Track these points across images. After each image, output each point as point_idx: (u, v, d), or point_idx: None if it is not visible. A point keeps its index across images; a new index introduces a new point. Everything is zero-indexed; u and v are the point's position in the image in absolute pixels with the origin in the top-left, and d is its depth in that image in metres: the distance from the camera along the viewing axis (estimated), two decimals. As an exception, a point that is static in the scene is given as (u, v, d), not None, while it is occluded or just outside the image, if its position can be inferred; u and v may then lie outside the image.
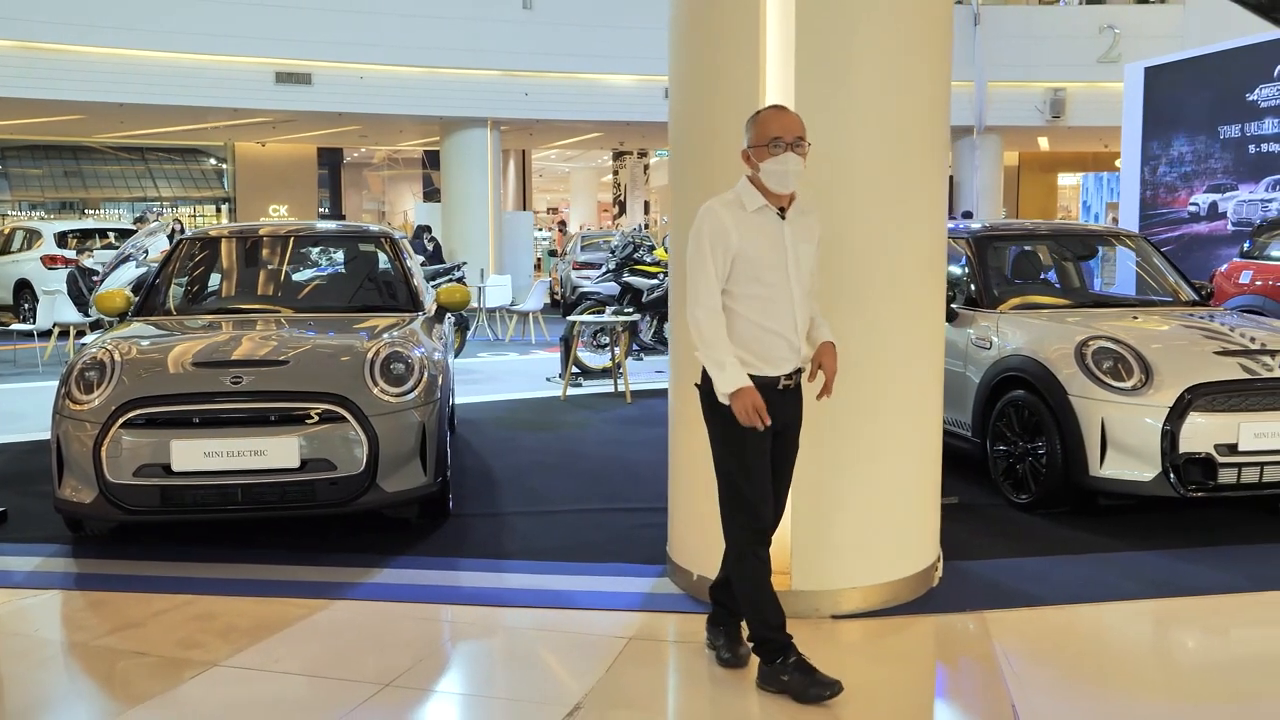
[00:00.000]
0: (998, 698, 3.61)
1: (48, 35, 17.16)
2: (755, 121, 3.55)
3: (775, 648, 3.57)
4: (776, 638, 3.57)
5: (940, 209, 4.50)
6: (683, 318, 4.46)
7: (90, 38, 17.23)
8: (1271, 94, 14.26)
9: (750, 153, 3.54)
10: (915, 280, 4.35)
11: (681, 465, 4.58)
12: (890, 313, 4.26)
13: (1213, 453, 5.20)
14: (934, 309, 4.50)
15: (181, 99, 18.94)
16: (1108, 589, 4.55)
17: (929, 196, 4.39)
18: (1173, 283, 6.87)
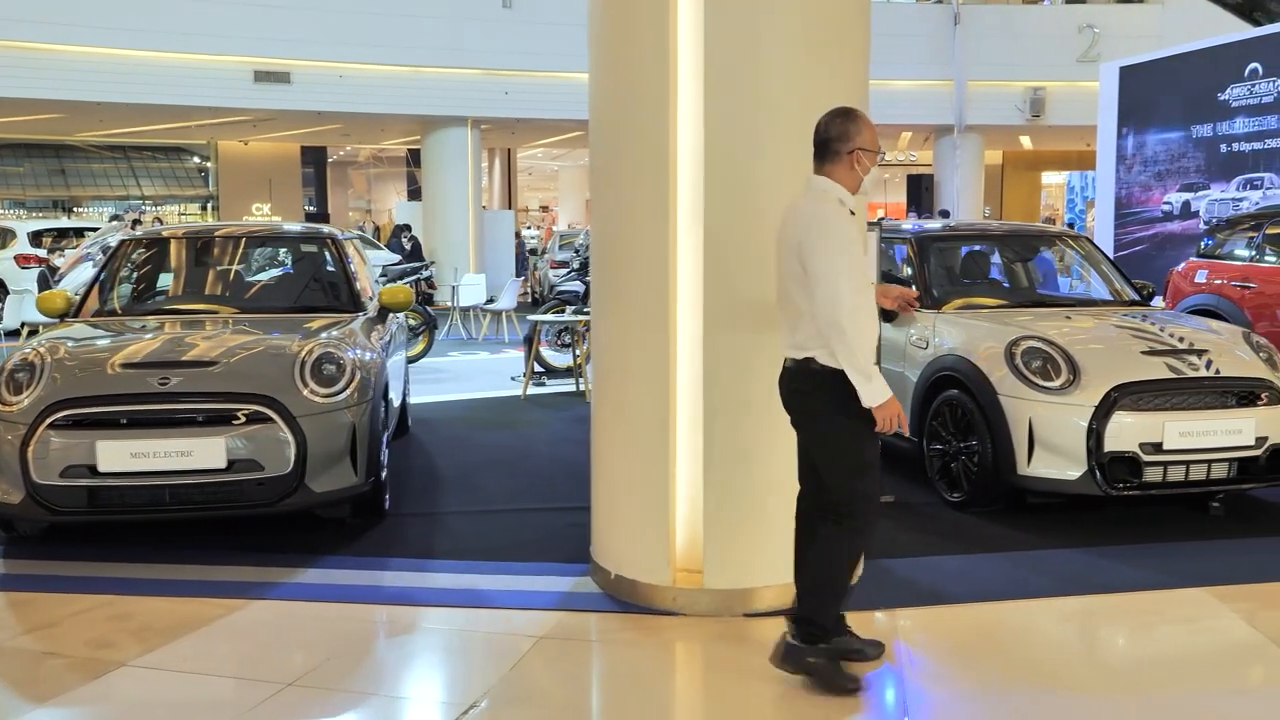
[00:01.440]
0: (890, 696, 3.64)
1: (27, 34, 17.17)
2: (869, 125, 3.58)
3: (821, 634, 3.62)
4: (828, 625, 3.65)
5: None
6: (606, 317, 4.51)
7: (69, 36, 17.23)
8: (1243, 93, 14.31)
9: (865, 155, 3.57)
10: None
11: (603, 465, 4.61)
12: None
13: (1138, 451, 5.24)
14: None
15: (160, 98, 18.94)
16: (1022, 586, 4.59)
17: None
18: (1114, 283, 6.90)
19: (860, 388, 3.41)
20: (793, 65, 4.20)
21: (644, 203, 4.24)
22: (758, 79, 4.15)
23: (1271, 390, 5.48)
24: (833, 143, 3.58)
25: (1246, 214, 9.75)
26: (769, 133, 4.17)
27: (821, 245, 3.44)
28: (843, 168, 3.58)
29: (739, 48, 4.12)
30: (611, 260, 4.45)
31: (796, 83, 4.21)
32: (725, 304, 4.17)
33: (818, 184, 3.60)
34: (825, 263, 3.43)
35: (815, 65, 4.25)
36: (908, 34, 21.33)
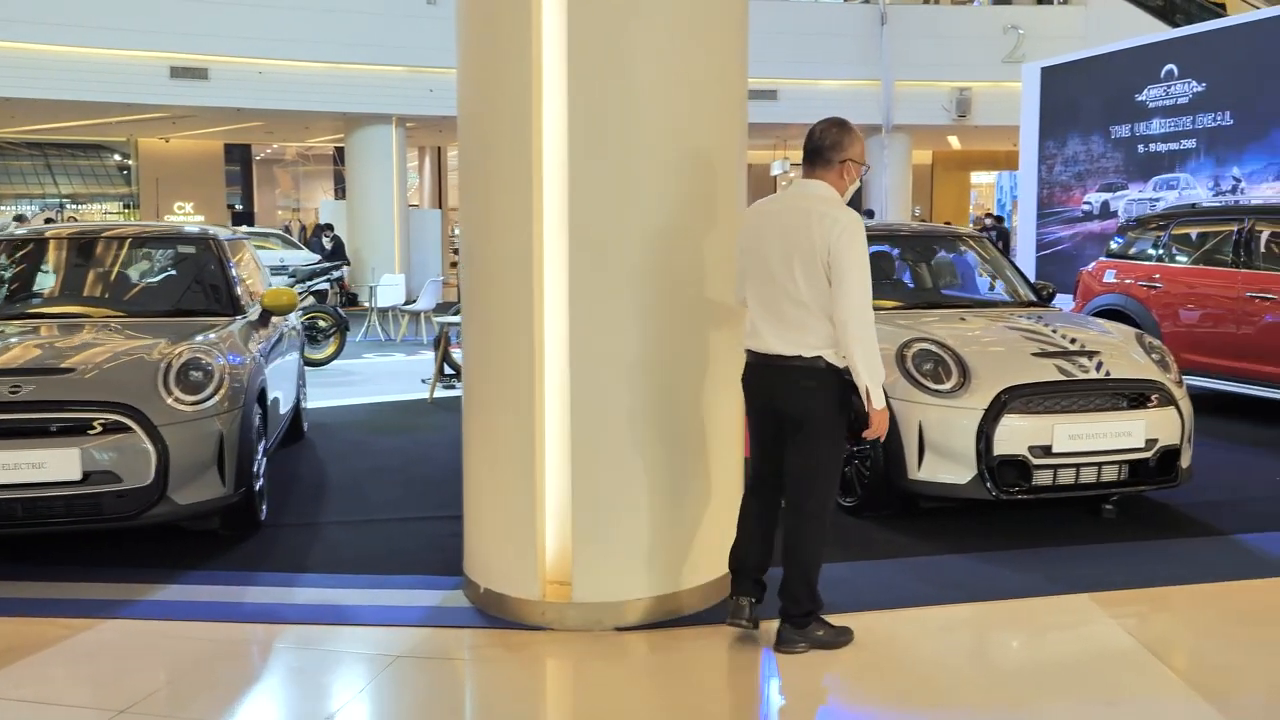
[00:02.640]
0: (754, 712, 3.52)
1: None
2: (858, 138, 3.86)
3: (811, 614, 3.88)
4: (819, 605, 3.91)
5: (736, 204, 4.41)
6: (473, 321, 4.35)
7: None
8: (1159, 94, 14.46)
9: (854, 167, 3.84)
10: (709, 280, 4.26)
11: (472, 475, 4.45)
12: (679, 311, 4.16)
13: (1027, 455, 5.18)
14: (731, 308, 4.40)
15: (74, 94, 18.43)
16: (905, 595, 4.50)
17: (723, 196, 4.29)
18: (1013, 284, 6.87)
19: (873, 390, 3.69)
20: (663, 59, 4.06)
21: (509, 202, 4.09)
22: (625, 73, 4.00)
23: (1162, 392, 5.45)
24: (826, 150, 3.81)
25: (1154, 214, 9.82)
26: (639, 129, 4.03)
27: (854, 252, 3.65)
28: (833, 175, 3.82)
29: (605, 42, 3.98)
30: (477, 262, 4.29)
31: (667, 77, 4.07)
32: (594, 308, 4.03)
33: (817, 189, 3.81)
34: (857, 269, 3.65)
35: (688, 60, 4.11)
36: (835, 34, 21.40)
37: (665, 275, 4.11)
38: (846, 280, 3.64)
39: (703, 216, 4.20)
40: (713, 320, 4.29)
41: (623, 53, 3.99)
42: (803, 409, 3.81)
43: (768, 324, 3.82)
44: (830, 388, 3.76)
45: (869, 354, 3.67)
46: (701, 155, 4.19)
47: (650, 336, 4.10)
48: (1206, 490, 6.17)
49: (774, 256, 3.79)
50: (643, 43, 4.02)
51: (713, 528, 4.37)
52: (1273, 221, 8.35)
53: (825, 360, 3.74)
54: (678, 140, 4.12)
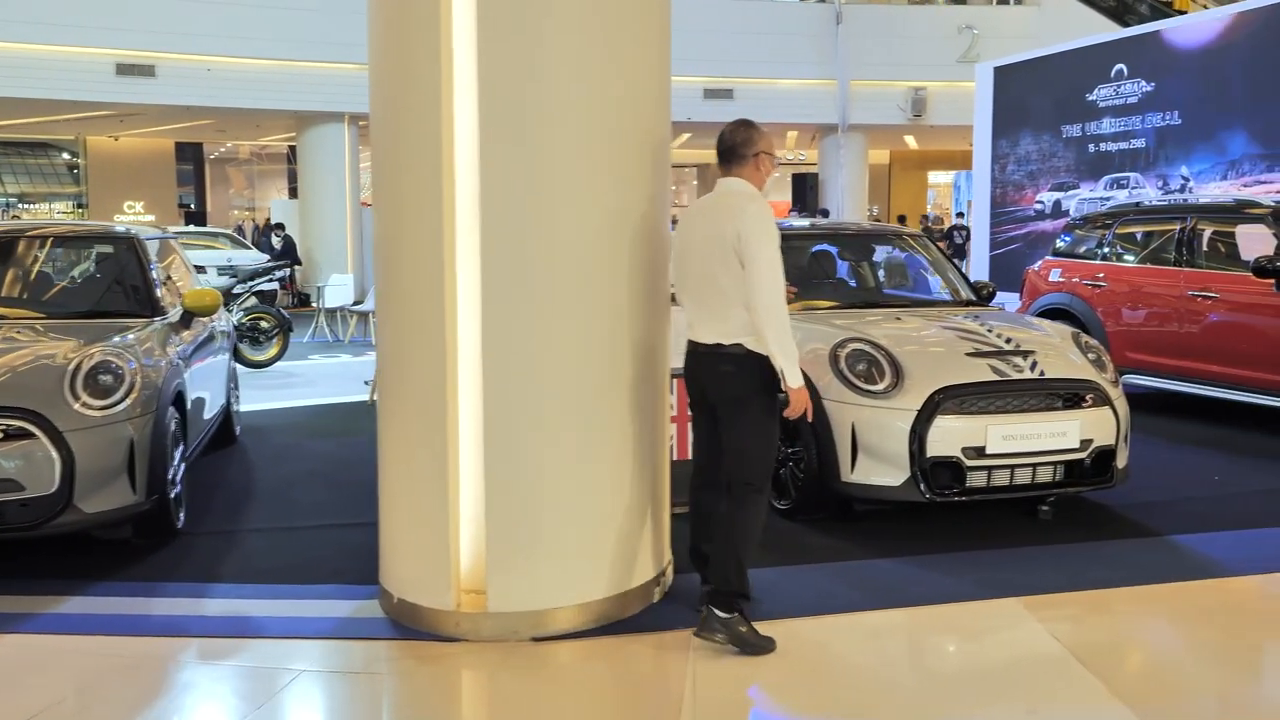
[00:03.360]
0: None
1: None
2: (765, 133, 4.06)
3: (741, 599, 3.90)
4: (747, 589, 3.92)
5: (657, 206, 4.29)
6: (386, 324, 4.21)
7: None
8: (1109, 94, 14.51)
9: (766, 159, 4.03)
10: (631, 278, 4.14)
11: (386, 481, 4.30)
12: (598, 312, 4.04)
13: (960, 456, 5.10)
14: (654, 307, 4.29)
15: (16, 90, 18.00)
16: (834, 600, 4.40)
17: (644, 192, 4.18)
18: (953, 283, 6.81)
19: (787, 370, 3.81)
20: (579, 52, 3.94)
21: (419, 202, 3.95)
22: (539, 72, 3.88)
23: (1097, 392, 5.40)
24: (739, 148, 4.00)
25: (1098, 213, 9.80)
26: (554, 129, 3.91)
27: (762, 239, 3.80)
28: (749, 169, 4.01)
29: (516, 34, 3.85)
30: (390, 263, 4.14)
31: (584, 69, 3.95)
32: (508, 310, 3.90)
33: (735, 185, 4.00)
34: (766, 255, 3.80)
35: (605, 53, 4.00)
36: (791, 33, 21.36)
37: (582, 275, 3.99)
38: (756, 265, 3.80)
39: (622, 215, 4.09)
40: (634, 320, 4.18)
41: (535, 46, 3.87)
42: (725, 394, 3.95)
43: (696, 315, 4.03)
44: (750, 373, 3.89)
45: (781, 335, 3.80)
46: (621, 151, 4.08)
47: (567, 338, 3.98)
48: (1145, 490, 6.13)
49: (698, 251, 3.99)
50: (557, 36, 3.89)
51: (638, 533, 4.26)
52: (1214, 220, 8.35)
53: (744, 347, 3.87)
54: (596, 136, 4.00)
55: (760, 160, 4.01)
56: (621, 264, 4.10)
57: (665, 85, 4.38)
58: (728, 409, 3.98)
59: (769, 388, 3.90)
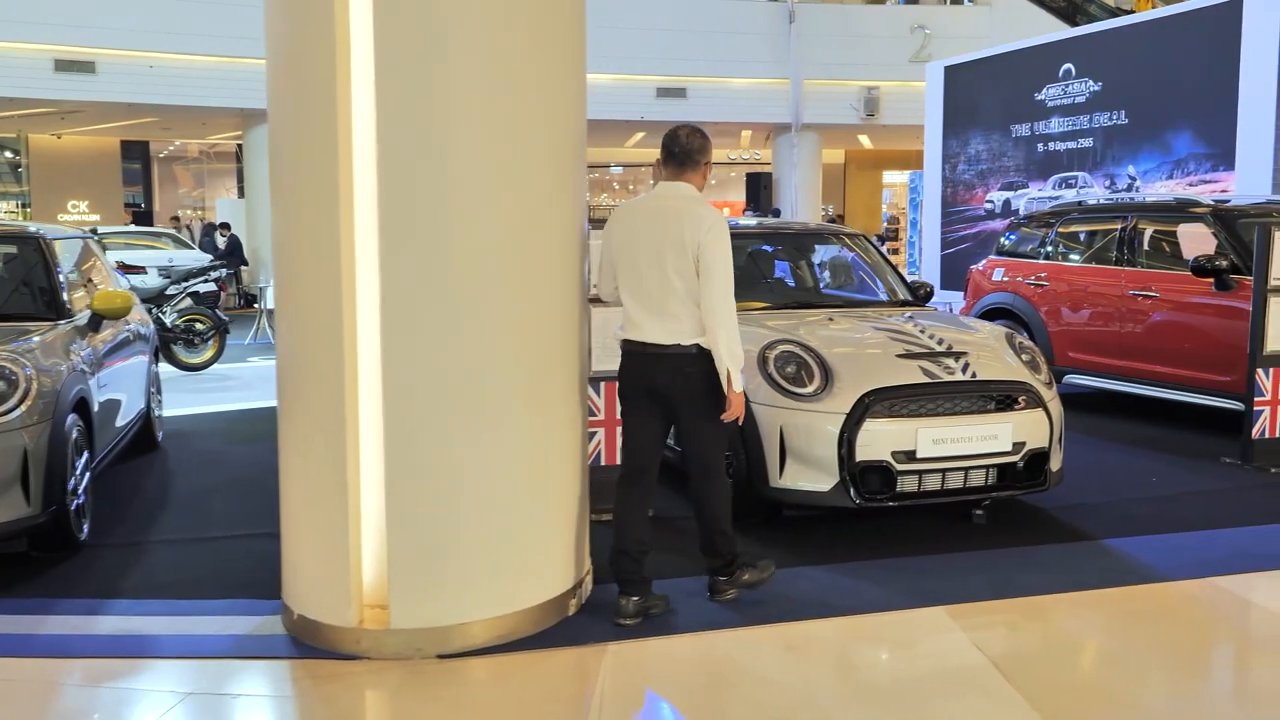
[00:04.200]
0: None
1: None
2: (711, 143, 4.24)
3: (734, 561, 4.31)
4: (737, 549, 4.34)
5: (572, 208, 4.14)
6: (284, 325, 4.02)
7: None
8: (1057, 93, 14.52)
9: (708, 169, 4.24)
10: (543, 282, 3.99)
11: (287, 491, 4.11)
12: (505, 318, 3.88)
13: (890, 460, 4.99)
14: (569, 311, 4.14)
15: (-51, 87, 17.63)
16: (754, 611, 4.25)
17: (557, 194, 4.03)
18: (890, 282, 6.70)
19: (734, 373, 4.02)
20: (484, 51, 3.77)
21: (315, 203, 3.77)
22: (441, 69, 3.70)
23: (1030, 394, 5.29)
24: (695, 154, 4.18)
25: (1041, 212, 9.76)
26: (458, 128, 3.74)
27: (719, 245, 4.00)
28: (697, 176, 4.20)
29: (416, 27, 3.67)
30: (287, 266, 3.96)
31: (490, 71, 3.78)
32: (409, 316, 3.72)
33: (684, 189, 4.17)
34: (722, 261, 4.00)
35: (514, 54, 3.83)
36: (744, 32, 21.28)
37: (490, 279, 3.82)
38: (713, 273, 3.98)
39: (533, 217, 3.93)
40: (548, 325, 4.03)
41: (436, 41, 3.69)
42: (686, 392, 4.10)
43: (644, 315, 4.11)
44: (707, 370, 4.07)
45: (731, 340, 4.00)
46: (532, 151, 3.91)
47: (474, 343, 3.81)
48: (1082, 492, 6.06)
49: (647, 252, 4.08)
50: (460, 31, 3.72)
51: (550, 543, 4.11)
52: (1155, 219, 8.31)
53: (699, 346, 4.06)
54: (503, 134, 3.83)
55: (706, 170, 4.24)
56: (533, 268, 3.95)
57: (580, 83, 4.22)
58: (693, 406, 4.13)
59: (718, 383, 4.10)
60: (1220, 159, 11.99)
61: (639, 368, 4.16)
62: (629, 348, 4.20)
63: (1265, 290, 6.62)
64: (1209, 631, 4.21)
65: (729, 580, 4.32)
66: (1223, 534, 5.35)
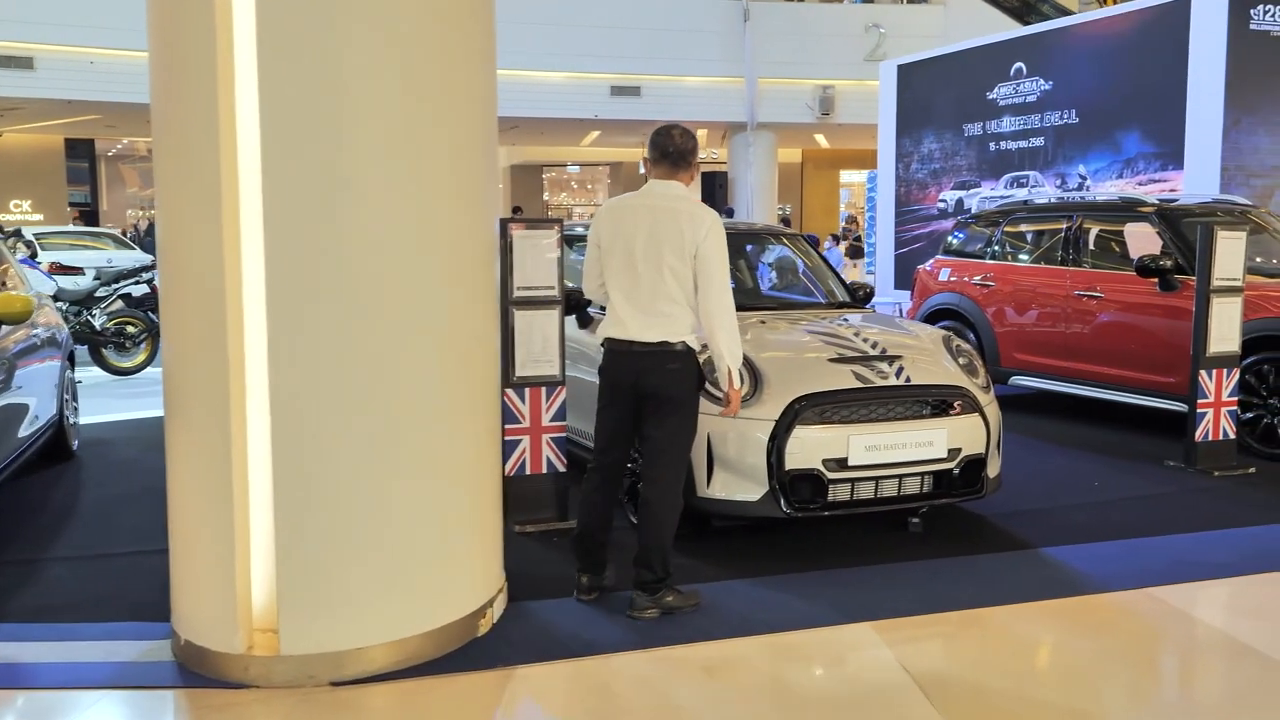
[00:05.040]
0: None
1: None
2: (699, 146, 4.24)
3: (663, 581, 4.18)
4: (670, 570, 4.21)
5: (481, 206, 3.93)
6: (171, 330, 3.78)
7: None
8: (1009, 92, 14.46)
9: (696, 170, 4.24)
10: (447, 288, 3.77)
11: (174, 508, 3.85)
12: (405, 323, 3.66)
13: (821, 469, 4.81)
14: (476, 318, 3.93)
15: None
16: (669, 630, 4.06)
17: (464, 198, 3.82)
18: (828, 283, 6.53)
19: (733, 371, 4.08)
20: (379, 47, 3.55)
21: (197, 203, 3.53)
22: (331, 64, 3.48)
23: (966, 399, 5.14)
24: (688, 155, 4.20)
25: (987, 211, 9.64)
26: (350, 129, 3.51)
27: (718, 246, 4.04)
28: (687, 176, 4.21)
29: (304, 12, 3.45)
30: (171, 271, 3.71)
31: (388, 56, 3.56)
32: (297, 326, 3.49)
33: (676, 188, 4.17)
34: (721, 262, 4.05)
35: (413, 48, 3.61)
36: (698, 30, 21.12)
37: (386, 285, 3.59)
38: (714, 275, 4.03)
39: (436, 222, 3.72)
40: (452, 332, 3.81)
41: (325, 22, 3.46)
42: (670, 389, 4.12)
43: (631, 313, 4.12)
44: (692, 370, 4.14)
45: (731, 340, 4.06)
46: (434, 153, 3.70)
47: (369, 350, 3.59)
48: (1023, 498, 5.93)
49: (640, 250, 4.08)
50: (351, 15, 3.50)
51: (457, 560, 3.90)
52: (1100, 219, 8.21)
53: (686, 344, 4.11)
54: (402, 135, 3.61)
55: (696, 169, 4.26)
56: (437, 269, 3.73)
57: (489, 71, 4.01)
58: (668, 405, 4.14)
59: (699, 385, 4.20)
60: (1169, 158, 11.94)
61: (622, 365, 4.18)
62: (613, 346, 4.20)
63: (1208, 291, 6.51)
64: (1143, 646, 4.06)
65: (653, 599, 4.18)
66: (1162, 541, 5.22)
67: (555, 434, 5.38)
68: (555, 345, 5.35)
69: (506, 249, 5.25)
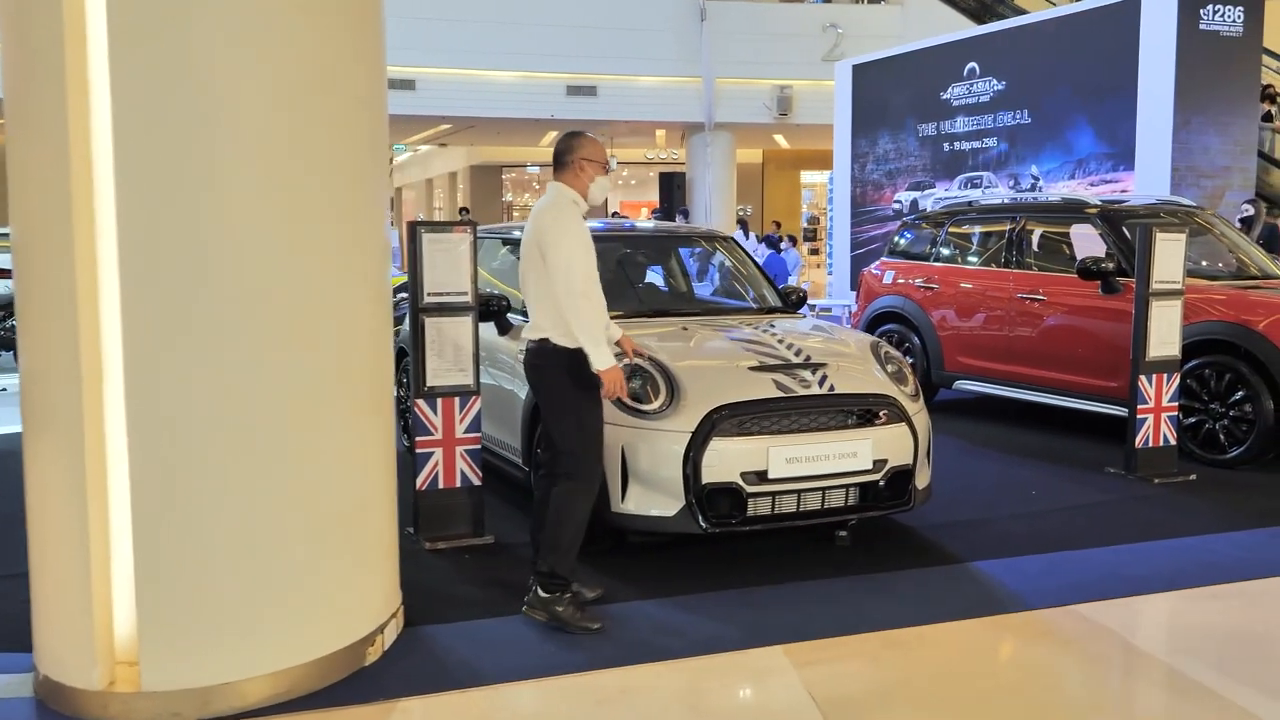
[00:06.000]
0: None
1: None
2: (592, 141, 4.26)
3: (563, 584, 4.10)
4: (570, 575, 4.12)
5: (368, 203, 3.70)
6: (26, 343, 3.53)
7: None
8: (962, 92, 14.37)
9: (588, 165, 4.20)
10: (325, 292, 3.54)
11: (36, 534, 3.59)
12: (281, 331, 3.43)
13: (740, 482, 4.60)
14: (362, 323, 3.70)
15: None
16: (566, 657, 3.84)
17: (344, 197, 3.59)
18: (759, 288, 6.33)
19: (591, 354, 4.01)
20: (242, 37, 3.32)
21: (47, 205, 3.29)
22: (191, 60, 3.24)
23: (892, 408, 4.94)
24: (562, 155, 4.24)
25: (931, 212, 9.49)
26: (213, 107, 3.28)
27: (558, 238, 4.04)
28: (570, 175, 4.21)
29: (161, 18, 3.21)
30: (23, 278, 3.46)
31: (254, 65, 3.33)
32: (155, 338, 3.26)
33: (553, 188, 4.23)
34: (561, 250, 4.03)
35: (284, 47, 3.38)
36: (654, 29, 20.92)
37: (256, 291, 3.36)
38: (552, 261, 4.04)
39: (314, 213, 3.49)
40: (332, 339, 3.58)
41: (182, 31, 3.23)
42: (538, 387, 4.22)
43: (529, 315, 4.24)
44: (555, 366, 4.10)
45: (583, 323, 4.00)
46: (308, 156, 3.47)
47: (237, 362, 3.35)
48: (958, 508, 5.77)
49: (523, 254, 4.25)
50: (210, 24, 3.27)
51: (341, 585, 3.66)
52: (1043, 220, 8.07)
53: (551, 342, 4.09)
54: (271, 134, 3.38)
55: (581, 166, 4.20)
56: (310, 279, 3.49)
57: (376, 75, 3.78)
58: (541, 401, 4.22)
59: (578, 381, 4.08)
60: (1121, 158, 11.86)
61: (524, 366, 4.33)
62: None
63: (1147, 294, 6.36)
64: (1060, 668, 3.87)
65: (545, 603, 4.10)
66: (1095, 554, 5.05)
67: (470, 446, 5.16)
68: (469, 353, 5.13)
69: (416, 253, 5.03)
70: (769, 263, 15.18)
